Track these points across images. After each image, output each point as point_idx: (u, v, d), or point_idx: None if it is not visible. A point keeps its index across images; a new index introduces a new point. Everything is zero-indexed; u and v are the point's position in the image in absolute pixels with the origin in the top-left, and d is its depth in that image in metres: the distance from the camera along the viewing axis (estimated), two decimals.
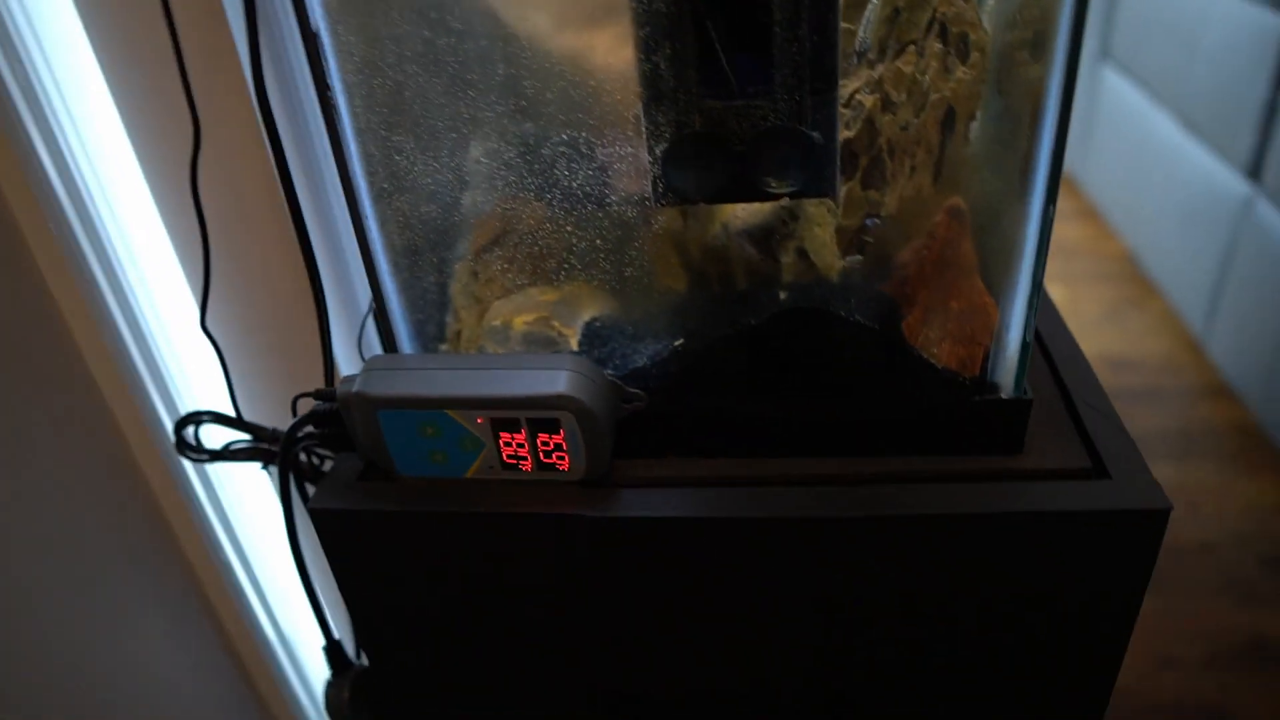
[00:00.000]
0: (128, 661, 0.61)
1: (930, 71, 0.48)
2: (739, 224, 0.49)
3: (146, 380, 0.58)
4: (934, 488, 0.46)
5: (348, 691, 0.59)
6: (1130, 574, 0.45)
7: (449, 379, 0.45)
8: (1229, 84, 1.60)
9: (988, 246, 0.47)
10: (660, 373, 0.49)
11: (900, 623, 0.48)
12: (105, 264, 0.55)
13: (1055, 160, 0.42)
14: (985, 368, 0.48)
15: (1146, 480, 0.45)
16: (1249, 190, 1.56)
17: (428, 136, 0.43)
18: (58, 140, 0.52)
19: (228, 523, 0.67)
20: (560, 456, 0.46)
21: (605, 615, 0.49)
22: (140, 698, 0.63)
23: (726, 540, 0.46)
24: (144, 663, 0.63)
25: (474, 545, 0.48)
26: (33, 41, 0.50)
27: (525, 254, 0.48)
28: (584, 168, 0.44)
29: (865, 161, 0.48)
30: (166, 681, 0.65)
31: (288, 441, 0.50)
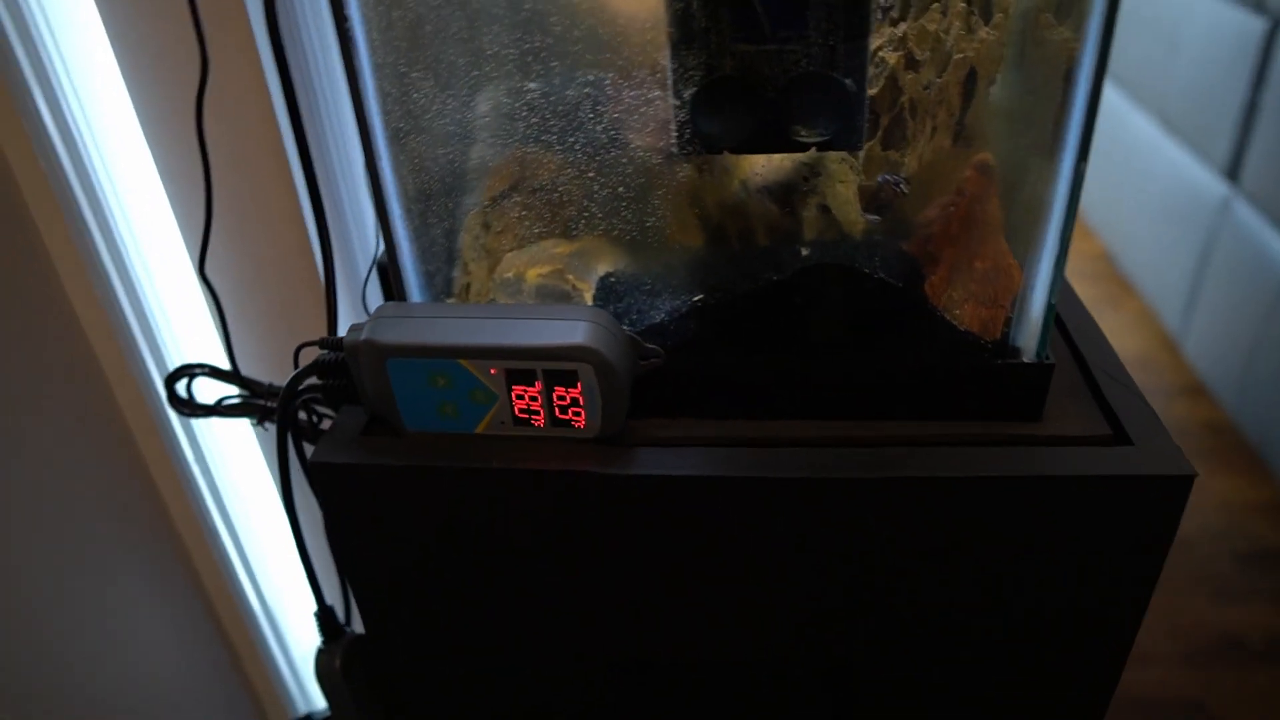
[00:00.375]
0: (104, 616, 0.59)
1: (954, 30, 0.47)
2: (759, 180, 0.48)
3: (135, 330, 0.56)
4: (954, 451, 0.45)
5: (339, 659, 0.58)
6: (1152, 541, 0.44)
7: (463, 328, 0.44)
8: (1209, 84, 1.61)
9: (1013, 207, 0.46)
10: (678, 329, 0.48)
11: (915, 587, 0.47)
12: (95, 206, 0.53)
13: (1089, 114, 0.41)
14: (1006, 331, 0.47)
15: (1170, 447, 0.44)
16: (1227, 190, 1.58)
17: (447, 74, 0.42)
18: (49, 74, 0.50)
19: (213, 482, 0.65)
20: (576, 412, 0.45)
21: (615, 578, 0.48)
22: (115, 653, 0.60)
23: (742, 501, 0.45)
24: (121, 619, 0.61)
25: (483, 503, 0.46)
26: None
27: (541, 204, 0.47)
28: (607, 112, 0.43)
29: (886, 120, 0.47)
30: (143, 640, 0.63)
31: (289, 393, 0.48)
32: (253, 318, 0.60)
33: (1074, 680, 0.49)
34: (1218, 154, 1.60)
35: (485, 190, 0.48)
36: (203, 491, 0.65)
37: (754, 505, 0.45)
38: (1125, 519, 0.44)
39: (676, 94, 0.41)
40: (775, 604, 0.48)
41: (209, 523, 0.66)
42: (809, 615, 0.48)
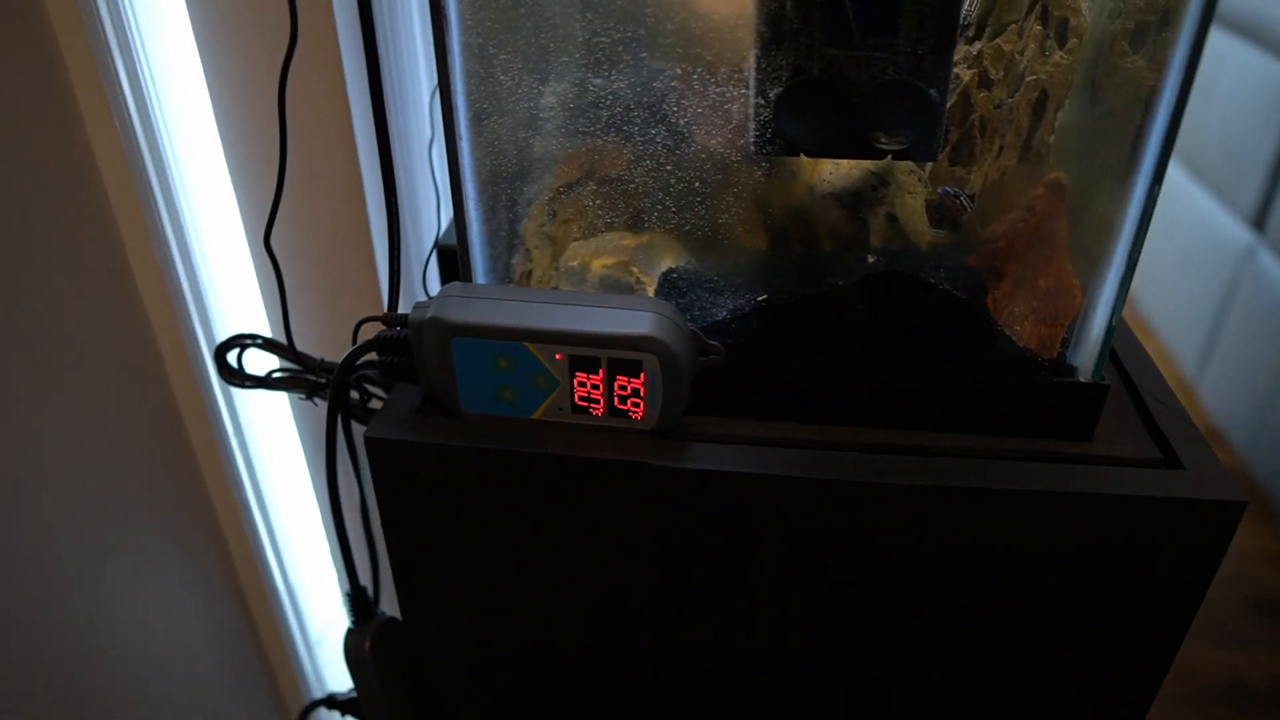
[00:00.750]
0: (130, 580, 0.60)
1: (1028, 52, 0.47)
2: (826, 186, 0.49)
3: (188, 297, 0.57)
4: (1005, 464, 0.45)
5: (369, 641, 0.58)
6: (1199, 566, 0.45)
7: (529, 311, 0.44)
8: (1239, 133, 1.62)
9: (1078, 227, 0.46)
10: (738, 328, 0.48)
11: (959, 598, 0.47)
12: (160, 170, 0.53)
13: (1168, 141, 0.41)
14: (1064, 351, 0.47)
15: (1220, 473, 0.44)
16: (1252, 239, 1.58)
17: (535, 59, 0.42)
18: (130, 44, 0.50)
19: (249, 456, 0.65)
20: (635, 403, 0.45)
21: (661, 572, 0.48)
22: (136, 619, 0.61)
23: (793, 501, 0.45)
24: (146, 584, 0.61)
25: (537, 489, 0.46)
26: None
27: (611, 195, 0.47)
28: (689, 107, 0.43)
29: (956, 136, 0.48)
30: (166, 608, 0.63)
31: (346, 366, 0.49)
32: (306, 293, 0.61)
33: (1110, 699, 0.50)
34: (1245, 203, 1.61)
35: (555, 178, 0.49)
36: (238, 463, 0.65)
37: (805, 506, 0.45)
38: (1174, 542, 0.44)
39: (760, 93, 0.42)
40: (819, 607, 0.48)
41: (242, 496, 0.66)
42: (849, 619, 0.49)
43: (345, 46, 0.52)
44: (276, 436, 0.71)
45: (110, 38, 0.48)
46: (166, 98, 0.54)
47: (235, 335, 0.55)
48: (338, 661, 0.85)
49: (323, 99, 0.54)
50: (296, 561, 0.75)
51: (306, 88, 0.54)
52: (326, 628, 0.83)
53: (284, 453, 0.72)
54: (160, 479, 0.62)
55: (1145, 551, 0.44)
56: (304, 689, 0.80)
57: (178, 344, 0.58)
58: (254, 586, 0.70)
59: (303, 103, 0.54)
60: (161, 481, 0.62)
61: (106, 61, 0.49)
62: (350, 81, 0.53)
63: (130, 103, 0.51)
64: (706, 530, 0.46)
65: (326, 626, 0.83)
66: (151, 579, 0.62)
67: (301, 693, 0.80)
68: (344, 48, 0.52)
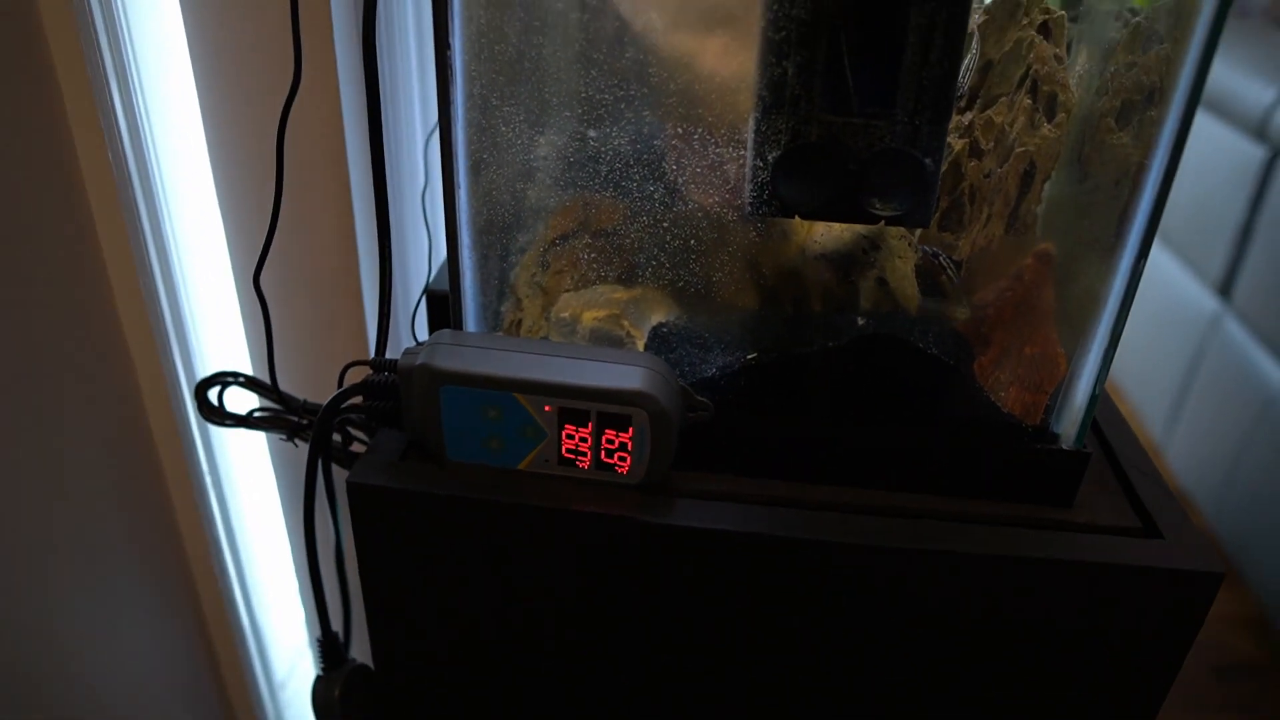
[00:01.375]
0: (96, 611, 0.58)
1: (1018, 124, 0.49)
2: (817, 248, 0.49)
3: (170, 333, 0.56)
4: (987, 529, 0.45)
5: (339, 689, 0.56)
6: (1176, 635, 0.45)
7: (521, 362, 0.44)
8: (1207, 204, 1.67)
9: (1062, 297, 0.47)
10: (726, 385, 0.48)
11: (939, 661, 0.47)
12: (150, 203, 0.53)
13: (1154, 214, 0.42)
14: (1046, 418, 0.48)
15: (1200, 543, 0.45)
16: (1218, 306, 1.62)
17: (537, 110, 0.43)
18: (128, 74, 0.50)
19: (222, 495, 0.64)
20: (622, 457, 0.45)
21: (644, 629, 0.48)
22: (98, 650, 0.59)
23: (780, 560, 0.45)
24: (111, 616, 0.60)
25: (520, 540, 0.46)
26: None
27: (604, 248, 0.48)
28: (687, 166, 0.44)
29: (946, 203, 0.49)
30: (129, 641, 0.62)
31: (331, 409, 0.48)
32: (292, 334, 0.60)
33: None
34: (1211, 271, 1.65)
35: (549, 229, 0.49)
36: (211, 501, 0.64)
37: (789, 565, 0.45)
38: (1153, 610, 0.44)
39: (758, 155, 0.42)
40: (801, 665, 0.48)
41: (213, 533, 0.65)
42: (831, 680, 0.48)
43: (345, 89, 0.53)
44: (253, 476, 0.70)
45: (108, 69, 0.48)
46: (161, 132, 0.54)
47: (217, 373, 0.54)
48: (299, 705, 0.83)
49: (320, 141, 0.54)
50: (265, 603, 0.73)
51: (304, 128, 0.54)
52: (290, 672, 0.81)
53: (259, 492, 0.71)
54: (131, 513, 0.60)
55: (1124, 619, 0.45)
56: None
57: (158, 378, 0.57)
58: (220, 626, 0.69)
59: (299, 143, 0.54)
60: (132, 516, 0.61)
61: (103, 91, 0.49)
62: (348, 123, 0.53)
63: (124, 133, 0.50)
64: (689, 586, 0.46)
65: (290, 670, 0.81)
66: (116, 614, 0.61)
67: None
68: (343, 90, 0.52)
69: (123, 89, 0.50)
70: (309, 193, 0.55)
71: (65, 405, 0.53)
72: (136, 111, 0.51)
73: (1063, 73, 0.48)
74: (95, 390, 0.55)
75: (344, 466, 0.54)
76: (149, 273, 0.54)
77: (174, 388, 0.58)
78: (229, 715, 0.76)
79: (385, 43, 0.54)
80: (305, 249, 0.58)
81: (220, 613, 0.69)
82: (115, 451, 0.58)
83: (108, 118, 0.49)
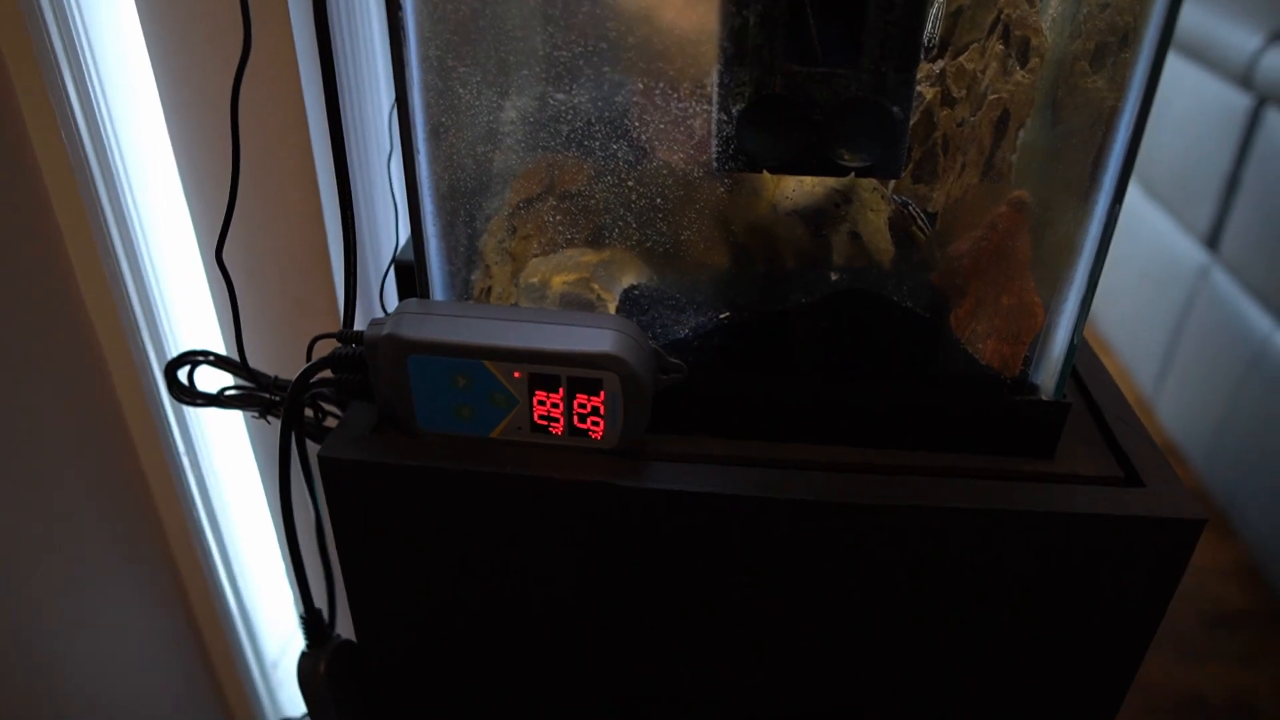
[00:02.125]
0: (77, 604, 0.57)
1: (990, 71, 0.48)
2: (789, 203, 0.49)
3: (138, 314, 0.55)
4: (968, 483, 0.45)
5: (324, 664, 0.56)
6: (1158, 584, 0.45)
7: (488, 329, 0.43)
8: (1193, 156, 1.66)
9: (1039, 246, 0.47)
10: (700, 346, 0.47)
11: (921, 616, 0.47)
12: (110, 183, 0.52)
13: (1128, 159, 0.42)
14: (1025, 369, 0.47)
15: (1181, 492, 0.45)
16: (1206, 259, 1.61)
17: (494, 72, 0.42)
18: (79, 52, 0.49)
19: (200, 476, 0.64)
20: (595, 422, 0.44)
21: (622, 594, 0.47)
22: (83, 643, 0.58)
23: (755, 521, 0.44)
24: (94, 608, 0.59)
25: (495, 509, 0.45)
26: None
27: (571, 211, 0.47)
28: (651, 122, 0.43)
29: (919, 154, 0.48)
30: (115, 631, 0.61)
31: (300, 384, 0.47)
32: (259, 310, 0.59)
33: (1073, 715, 0.49)
34: (1199, 223, 1.64)
35: (514, 193, 0.48)
36: (190, 483, 0.63)
37: (767, 525, 0.44)
38: (1135, 559, 0.44)
39: (723, 109, 0.41)
40: (781, 627, 0.48)
41: (194, 516, 0.64)
42: (813, 639, 0.48)
43: (302, 57, 0.51)
44: (231, 455, 0.69)
45: (56, 43, 0.47)
46: (116, 106, 0.52)
47: (186, 352, 0.53)
48: (293, 685, 0.83)
49: (278, 110, 0.52)
50: (251, 583, 0.73)
51: (262, 98, 0.53)
52: (282, 651, 0.81)
53: (239, 472, 0.71)
54: (109, 499, 0.60)
55: (1106, 569, 0.44)
56: (258, 715, 0.78)
57: (126, 361, 0.56)
58: (206, 610, 0.68)
59: (258, 113, 0.53)
60: (110, 502, 0.60)
61: (52, 69, 0.47)
62: (308, 93, 0.52)
63: (77, 110, 0.49)
64: (667, 550, 0.45)
65: (282, 650, 0.81)
66: (99, 602, 0.60)
67: (256, 718, 0.78)
68: (301, 58, 0.51)
69: (73, 64, 0.49)
70: (271, 165, 0.54)
71: (34, 394, 0.52)
72: (90, 86, 0.50)
73: (1035, 16, 0.47)
74: (64, 376, 0.54)
75: (318, 441, 0.53)
76: (112, 254, 0.53)
77: (144, 370, 0.57)
78: (221, 699, 0.76)
79: (344, 5, 0.52)
80: (270, 223, 0.56)
81: (206, 596, 0.68)
82: (88, 437, 0.57)
83: (58, 94, 0.48)
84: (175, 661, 0.69)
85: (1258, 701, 1.24)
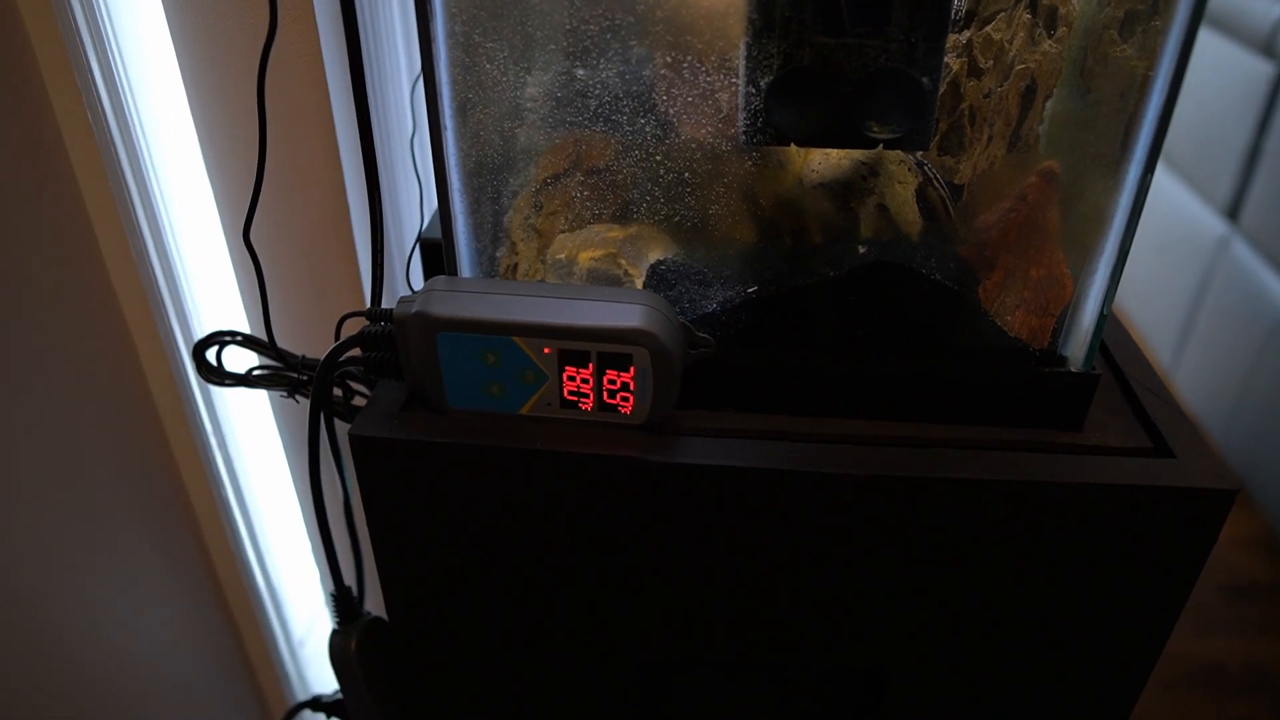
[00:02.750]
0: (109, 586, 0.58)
1: (1017, 41, 0.47)
2: (815, 176, 0.48)
3: (165, 295, 0.55)
4: (997, 455, 0.45)
5: (355, 641, 0.57)
6: (1188, 554, 0.45)
7: (518, 305, 0.44)
8: (1214, 125, 1.64)
9: (1068, 217, 0.46)
10: (728, 320, 0.47)
11: (951, 588, 0.47)
12: (136, 166, 0.52)
13: (1160, 126, 0.41)
14: (1054, 341, 0.47)
15: (1211, 461, 0.45)
16: (1226, 230, 1.60)
17: (522, 46, 0.42)
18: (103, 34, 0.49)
19: (228, 456, 0.64)
20: (625, 397, 0.45)
21: (652, 568, 0.47)
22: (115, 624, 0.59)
23: (785, 494, 0.45)
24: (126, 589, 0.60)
25: (525, 486, 0.46)
26: None
27: (598, 186, 0.47)
28: (678, 96, 0.43)
29: (945, 125, 0.48)
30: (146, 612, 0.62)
31: (329, 363, 0.48)
32: (287, 289, 0.59)
33: (1101, 685, 0.50)
34: (1219, 194, 1.62)
35: (540, 169, 0.48)
36: (218, 463, 0.64)
37: (797, 499, 0.44)
38: (1165, 530, 0.44)
39: (750, 82, 0.41)
40: (811, 600, 0.48)
41: (222, 495, 0.65)
42: (842, 612, 0.48)
43: (325, 36, 0.51)
44: (257, 435, 0.70)
45: (82, 26, 0.47)
46: (140, 88, 0.52)
47: (214, 332, 0.54)
48: (321, 662, 0.84)
49: (302, 90, 0.52)
50: (278, 561, 0.74)
51: (286, 79, 0.52)
52: (309, 629, 0.82)
53: (265, 452, 0.71)
54: (138, 479, 0.60)
55: (1136, 539, 0.44)
56: (287, 692, 0.79)
57: (155, 342, 0.56)
58: (235, 588, 0.69)
59: (282, 94, 0.53)
60: (139, 482, 0.61)
61: (78, 51, 0.47)
62: (330, 72, 0.52)
63: (103, 93, 0.49)
64: (698, 525, 0.46)
65: (309, 627, 0.82)
66: (129, 581, 0.61)
67: (285, 695, 0.79)
68: (323, 37, 0.51)
69: (98, 47, 0.49)
70: (295, 145, 0.54)
71: (62, 377, 0.53)
72: (115, 70, 0.50)
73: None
74: (92, 359, 0.55)
75: (346, 420, 0.53)
76: (139, 235, 0.53)
77: (171, 350, 0.57)
78: (251, 676, 0.77)
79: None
80: (295, 202, 0.57)
81: (234, 574, 0.69)
82: (117, 420, 0.58)
83: (85, 78, 0.48)
84: (207, 640, 0.70)
85: (1276, 671, 1.24)
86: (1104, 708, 0.51)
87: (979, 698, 0.51)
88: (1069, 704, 0.51)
